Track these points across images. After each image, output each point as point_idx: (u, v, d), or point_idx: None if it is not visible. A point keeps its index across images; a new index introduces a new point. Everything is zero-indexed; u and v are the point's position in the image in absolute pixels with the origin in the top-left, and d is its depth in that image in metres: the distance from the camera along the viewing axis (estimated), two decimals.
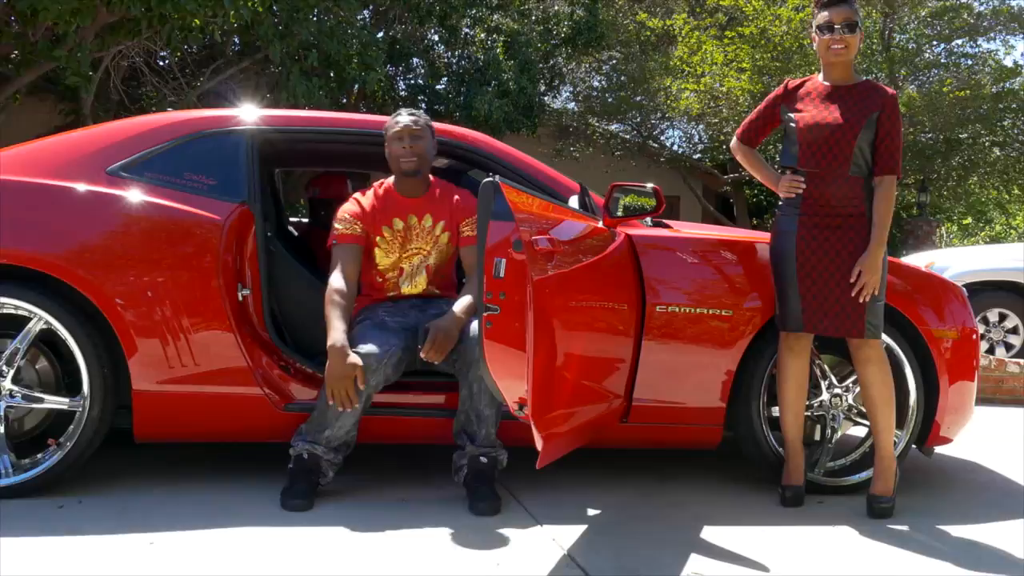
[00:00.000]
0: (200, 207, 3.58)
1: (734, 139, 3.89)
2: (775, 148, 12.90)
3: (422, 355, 3.39)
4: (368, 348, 3.37)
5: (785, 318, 3.62)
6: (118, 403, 3.51)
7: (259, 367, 3.59)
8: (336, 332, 3.35)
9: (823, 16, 3.56)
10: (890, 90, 3.58)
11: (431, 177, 3.79)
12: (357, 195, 3.76)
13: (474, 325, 3.45)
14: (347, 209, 3.70)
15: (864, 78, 3.68)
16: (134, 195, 3.55)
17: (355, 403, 3.32)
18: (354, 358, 3.29)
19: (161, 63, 10.50)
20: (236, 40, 10.93)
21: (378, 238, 3.69)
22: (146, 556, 2.88)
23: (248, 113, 3.89)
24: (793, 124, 3.62)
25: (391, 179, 3.76)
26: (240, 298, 3.61)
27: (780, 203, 3.70)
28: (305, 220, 5.87)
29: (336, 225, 3.67)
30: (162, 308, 3.46)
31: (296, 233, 5.44)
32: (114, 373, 3.47)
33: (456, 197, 3.76)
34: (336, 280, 3.52)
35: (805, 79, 3.73)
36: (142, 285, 3.45)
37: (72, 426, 3.44)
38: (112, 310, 3.42)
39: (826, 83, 3.63)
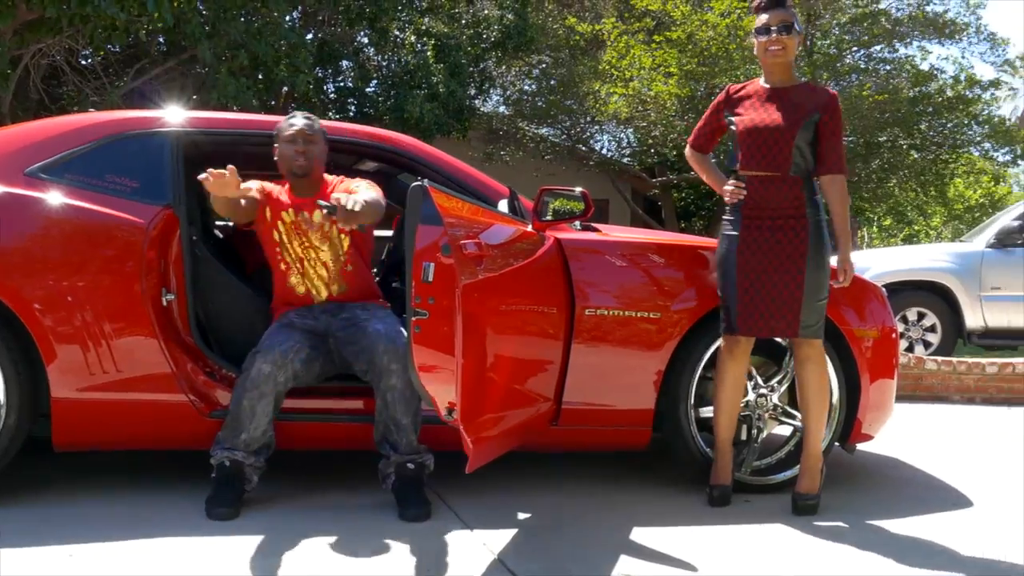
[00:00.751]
0: (123, 210, 3.51)
1: (687, 147, 3.93)
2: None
3: (333, 201, 3.27)
4: (271, 344, 3.38)
5: (726, 321, 3.66)
6: (37, 411, 3.42)
7: (184, 373, 3.53)
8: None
9: (761, 19, 3.62)
10: (830, 91, 3.64)
11: (326, 177, 3.77)
12: (267, 179, 3.78)
13: (385, 334, 3.43)
14: (255, 183, 3.69)
15: (804, 79, 3.74)
16: (54, 197, 3.46)
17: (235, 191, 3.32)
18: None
19: (83, 62, 10.28)
20: (161, 40, 10.75)
21: (279, 223, 3.67)
22: (66, 568, 2.81)
23: (173, 114, 3.83)
24: (734, 127, 3.67)
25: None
26: (164, 303, 3.55)
27: (726, 208, 3.74)
28: (230, 223, 5.79)
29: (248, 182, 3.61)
30: (83, 313, 3.39)
31: (222, 236, 5.36)
32: (32, 380, 3.39)
33: (346, 187, 3.69)
34: None
35: (747, 83, 3.77)
36: (62, 290, 3.38)
37: None
38: (30, 316, 3.34)
39: (766, 85, 3.68)
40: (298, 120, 3.67)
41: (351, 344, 3.53)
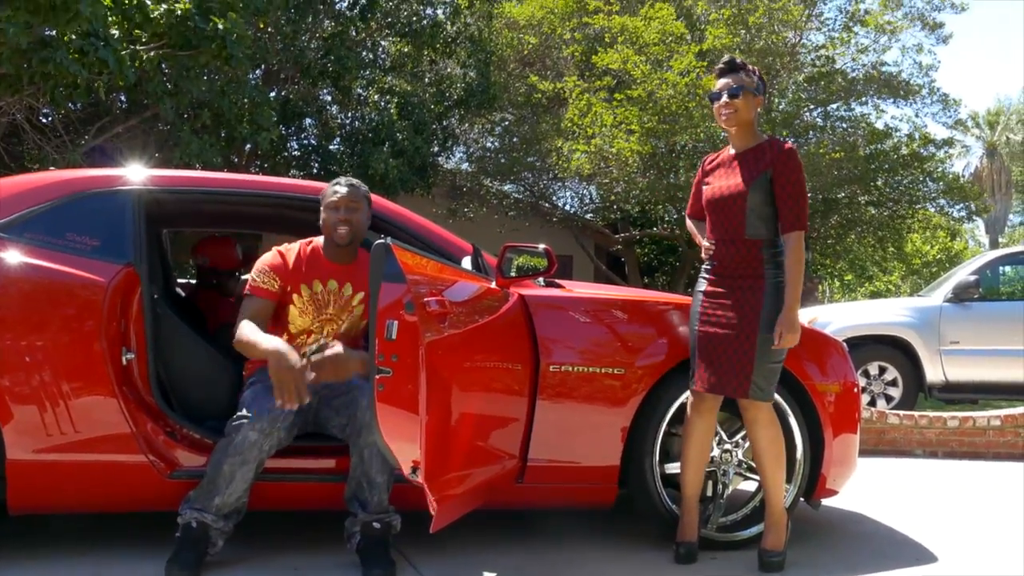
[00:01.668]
0: (83, 268, 3.47)
1: (687, 216, 4.03)
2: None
3: (309, 369, 3.29)
4: (260, 410, 3.31)
5: (691, 378, 3.67)
6: None
7: (144, 433, 3.48)
8: (269, 339, 3.33)
9: (716, 85, 3.69)
10: (786, 145, 3.60)
11: (360, 249, 3.75)
12: (283, 247, 3.69)
13: (366, 388, 3.39)
14: (268, 261, 3.63)
15: (765, 137, 3.72)
16: (12, 256, 3.43)
17: (306, 398, 3.25)
18: (296, 359, 3.24)
19: (44, 120, 10.24)
20: (123, 97, 10.73)
21: (295, 296, 3.62)
22: None
23: (135, 172, 3.81)
24: (703, 197, 3.74)
25: (319, 239, 3.71)
26: (124, 362, 3.51)
27: (702, 267, 3.79)
28: (193, 281, 5.75)
29: (254, 275, 3.60)
30: (41, 373, 3.34)
31: (184, 295, 5.33)
32: None
33: None
34: (244, 323, 3.47)
35: (721, 151, 3.81)
36: (19, 349, 3.33)
37: None
38: None
39: (732, 152, 3.73)
40: (342, 187, 3.63)
41: (332, 399, 3.49)
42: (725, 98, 3.63)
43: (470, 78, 14.94)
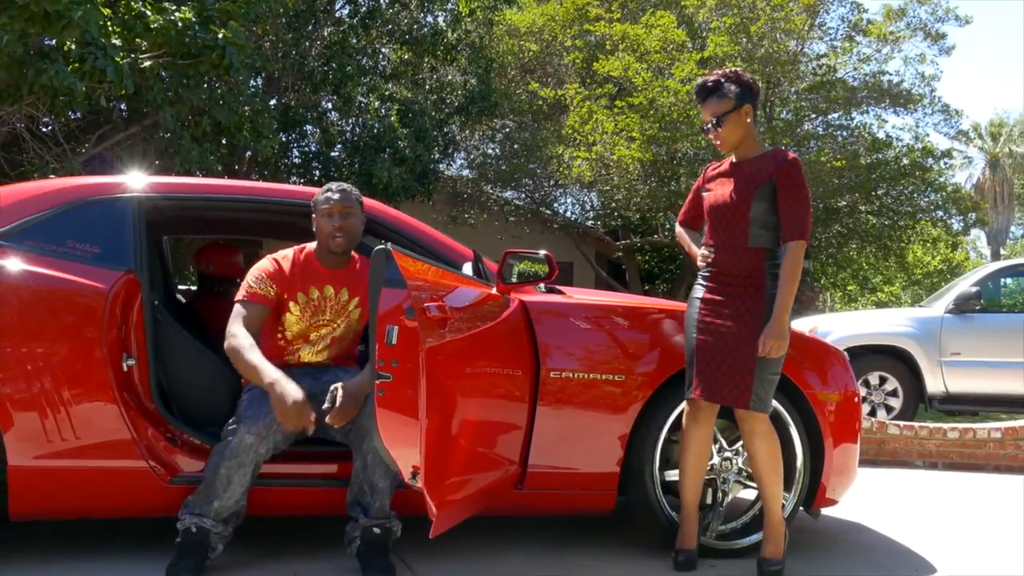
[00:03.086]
0: (84, 276, 3.48)
1: (677, 223, 4.00)
2: None
3: (328, 419, 3.30)
4: (256, 414, 3.31)
5: (687, 385, 3.67)
6: None
7: (144, 439, 3.48)
8: (267, 370, 3.29)
9: (702, 111, 3.70)
10: (789, 156, 3.60)
11: (353, 252, 3.75)
12: (277, 255, 3.68)
13: (368, 398, 3.40)
14: (264, 267, 3.62)
15: (769, 148, 3.71)
16: (13, 264, 3.43)
17: (311, 427, 3.25)
18: (296, 390, 3.23)
19: (44, 129, 10.24)
20: (123, 106, 10.74)
21: (291, 303, 3.62)
22: None
23: (135, 180, 3.82)
24: (703, 205, 3.73)
25: (312, 245, 3.71)
26: (125, 368, 3.51)
27: (699, 273, 3.77)
28: (194, 288, 5.76)
29: (249, 281, 3.59)
30: (42, 380, 3.34)
31: (184, 301, 5.33)
32: None
33: None
34: (239, 331, 3.44)
35: (724, 160, 3.79)
36: (20, 356, 3.33)
37: None
38: None
39: (733, 160, 3.72)
40: (334, 194, 3.61)
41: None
42: (711, 128, 3.64)
43: (471, 85, 14.97)
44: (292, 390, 3.22)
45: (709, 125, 3.65)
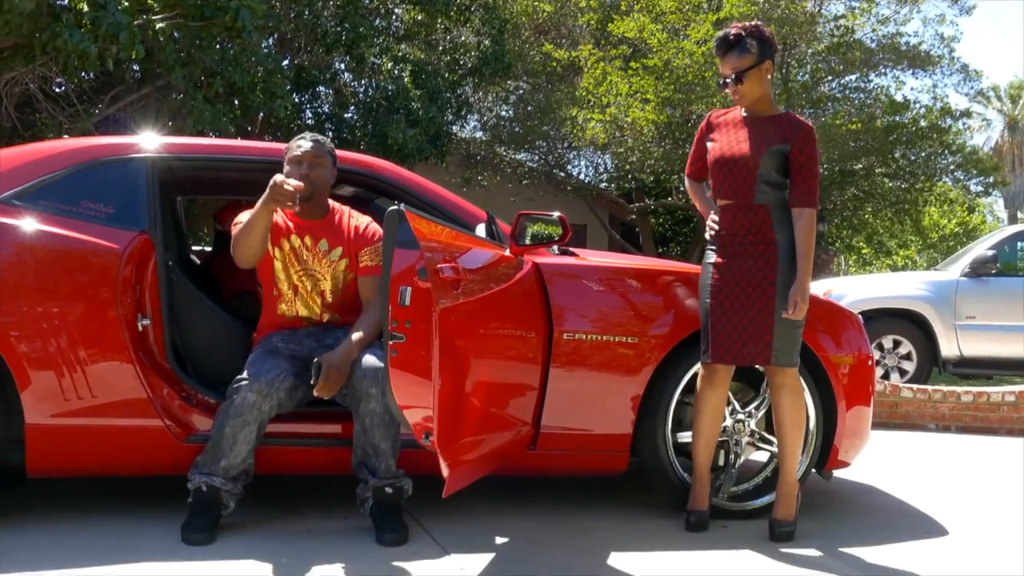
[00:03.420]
0: (98, 236, 3.49)
1: (685, 176, 3.94)
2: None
3: (315, 392, 3.35)
4: (258, 372, 3.34)
5: (703, 349, 3.66)
6: (10, 438, 3.39)
7: (160, 398, 3.51)
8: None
9: (721, 65, 3.64)
10: (806, 123, 3.61)
11: (332, 204, 3.76)
12: None
13: (364, 359, 3.42)
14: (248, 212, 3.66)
15: (784, 110, 3.71)
16: (28, 224, 3.44)
17: (301, 184, 3.40)
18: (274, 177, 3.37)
19: (57, 90, 10.23)
20: (136, 67, 10.71)
21: (276, 250, 3.64)
22: None
23: (149, 140, 3.82)
24: (708, 155, 3.69)
25: None
26: (140, 328, 3.53)
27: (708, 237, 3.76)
28: (208, 249, 5.77)
29: (238, 219, 3.61)
30: (57, 339, 3.36)
31: (199, 262, 5.34)
32: (5, 407, 3.35)
33: (357, 225, 3.73)
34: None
35: (730, 109, 3.76)
36: (36, 316, 3.35)
37: None
38: (3, 341, 3.31)
39: (744, 114, 3.69)
40: (305, 142, 3.66)
41: None
42: (731, 84, 3.60)
43: (484, 46, 14.84)
44: (274, 178, 3.36)
45: (728, 80, 3.60)
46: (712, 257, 3.67)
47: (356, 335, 3.47)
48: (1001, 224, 32.46)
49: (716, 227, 3.66)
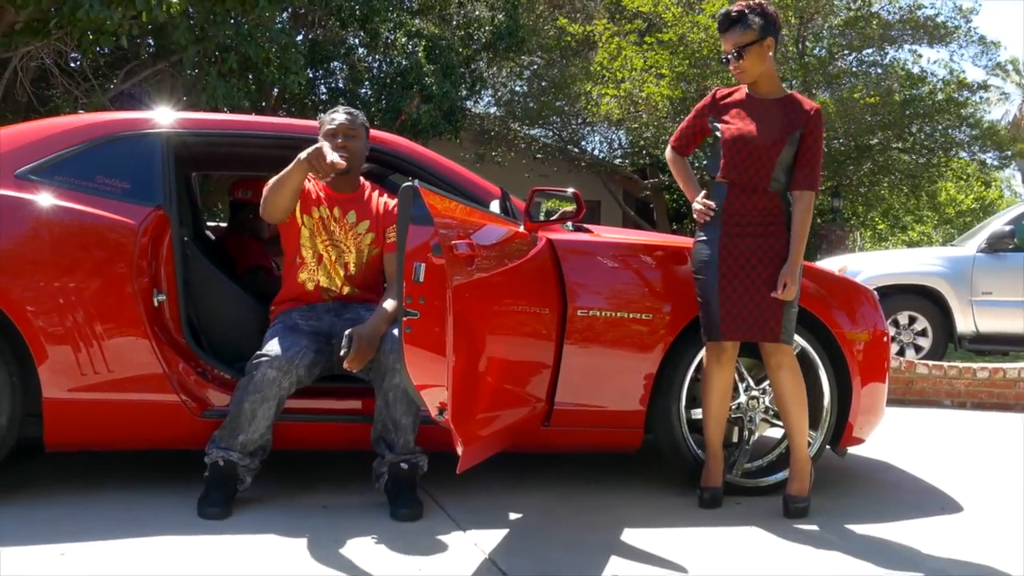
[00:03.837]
0: (114, 211, 3.50)
1: (668, 147, 3.91)
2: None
3: (345, 365, 3.35)
4: (278, 349, 3.35)
5: (708, 327, 3.65)
6: (27, 411, 3.41)
7: (175, 373, 3.53)
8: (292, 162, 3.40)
9: (723, 42, 3.64)
10: (814, 105, 3.62)
11: (362, 179, 3.77)
12: None
13: (392, 333, 3.42)
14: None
15: (789, 92, 3.71)
16: (44, 199, 3.46)
17: (340, 161, 3.33)
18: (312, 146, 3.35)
19: (72, 65, 10.24)
20: (150, 42, 10.72)
21: (305, 217, 3.65)
22: (57, 567, 2.80)
23: (164, 116, 3.82)
24: (719, 135, 3.67)
25: None
26: (156, 303, 3.55)
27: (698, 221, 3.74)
28: (223, 225, 5.78)
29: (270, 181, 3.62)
30: (74, 314, 3.38)
31: (214, 238, 5.36)
32: (23, 381, 3.38)
33: (386, 202, 3.75)
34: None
35: (734, 89, 3.75)
36: (53, 291, 3.37)
37: None
38: (21, 316, 3.33)
39: (748, 93, 3.67)
40: (340, 115, 3.68)
41: None
42: (732, 60, 3.60)
43: (498, 21, 14.78)
44: (311, 147, 3.34)
45: (730, 56, 3.60)
46: (713, 233, 3.63)
47: (385, 308, 3.48)
48: (1019, 199, 32.20)
49: (713, 210, 3.63)
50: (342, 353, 3.35)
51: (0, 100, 9.36)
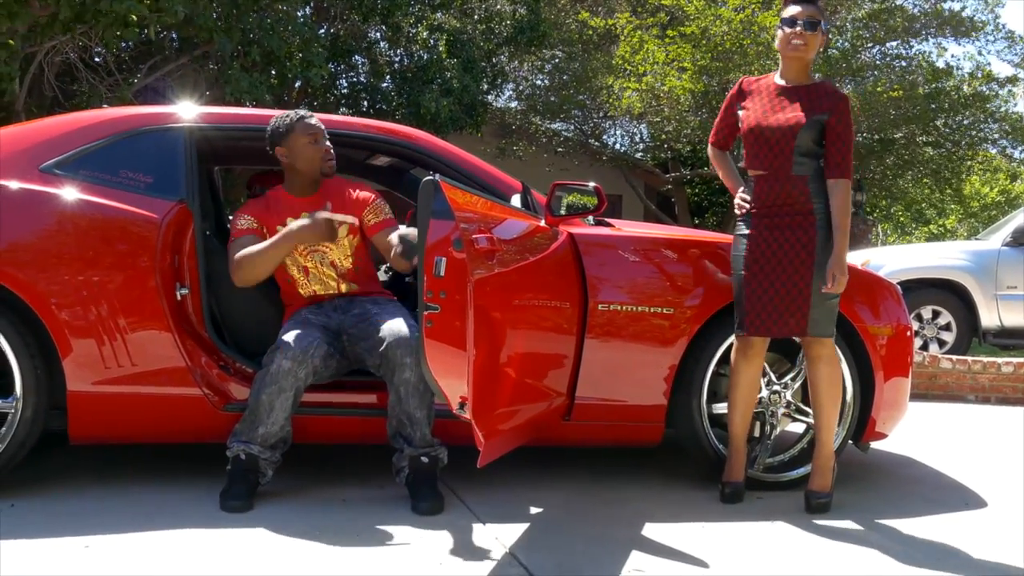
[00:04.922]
0: (137, 205, 3.52)
1: (709, 144, 3.90)
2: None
3: (415, 261, 3.30)
4: (292, 340, 3.38)
5: (737, 322, 3.64)
6: (52, 404, 3.44)
7: (198, 367, 3.55)
8: (277, 235, 3.53)
9: (788, 10, 3.56)
10: (842, 92, 3.59)
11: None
12: (249, 201, 3.84)
13: (397, 328, 3.44)
14: (242, 211, 3.72)
15: (819, 80, 3.68)
16: (68, 193, 3.48)
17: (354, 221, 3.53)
18: (307, 217, 3.50)
19: (96, 59, 10.30)
20: (174, 36, 10.77)
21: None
22: (82, 559, 2.83)
23: (187, 110, 3.84)
24: (739, 124, 3.65)
25: (281, 186, 3.80)
26: (178, 297, 3.57)
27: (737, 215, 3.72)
28: None
29: (236, 224, 3.67)
30: (98, 308, 3.41)
31: None
32: (48, 374, 3.41)
33: (349, 191, 3.78)
34: (236, 256, 3.56)
35: (762, 77, 3.73)
36: (77, 284, 3.39)
37: (4, 428, 3.37)
38: (46, 310, 3.36)
39: (780, 82, 3.64)
40: (311, 119, 3.69)
41: (364, 340, 3.54)
42: (800, 27, 3.53)
43: (520, 14, 14.74)
44: (305, 218, 3.48)
45: (800, 23, 3.52)
46: (744, 229, 3.64)
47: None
48: None
49: (748, 203, 3.62)
50: (395, 252, 3.44)
51: (26, 95, 9.43)
